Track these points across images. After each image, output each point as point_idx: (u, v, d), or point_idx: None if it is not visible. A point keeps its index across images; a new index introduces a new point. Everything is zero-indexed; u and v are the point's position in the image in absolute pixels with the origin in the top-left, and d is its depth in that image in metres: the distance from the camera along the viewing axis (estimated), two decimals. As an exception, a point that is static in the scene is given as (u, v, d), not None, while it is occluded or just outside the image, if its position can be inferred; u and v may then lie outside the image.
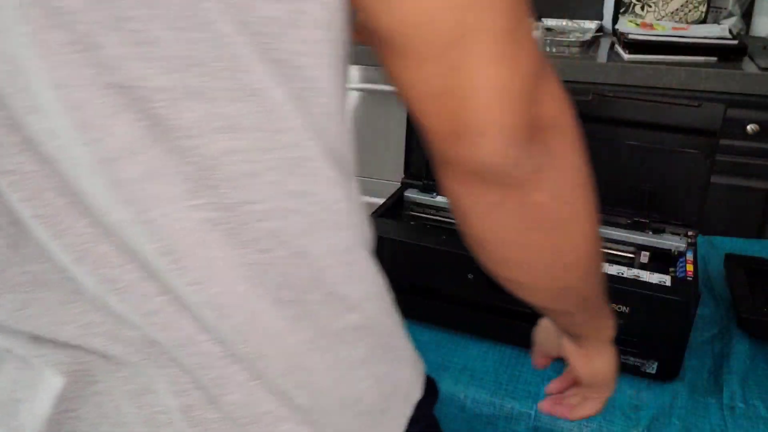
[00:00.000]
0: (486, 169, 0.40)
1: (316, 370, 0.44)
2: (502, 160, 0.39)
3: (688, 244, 0.92)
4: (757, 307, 0.94)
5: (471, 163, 0.40)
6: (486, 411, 0.82)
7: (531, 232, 0.44)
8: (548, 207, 0.43)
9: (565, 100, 0.42)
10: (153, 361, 0.41)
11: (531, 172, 0.41)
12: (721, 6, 2.03)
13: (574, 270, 0.48)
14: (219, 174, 0.37)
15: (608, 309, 0.58)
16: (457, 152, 0.40)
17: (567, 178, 0.43)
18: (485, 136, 0.39)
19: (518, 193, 0.42)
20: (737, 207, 1.79)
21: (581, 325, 0.57)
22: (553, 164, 0.42)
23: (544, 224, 0.44)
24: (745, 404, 0.80)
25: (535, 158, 0.40)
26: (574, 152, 0.44)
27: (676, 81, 1.68)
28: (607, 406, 0.79)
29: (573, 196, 0.45)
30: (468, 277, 0.88)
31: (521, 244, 0.45)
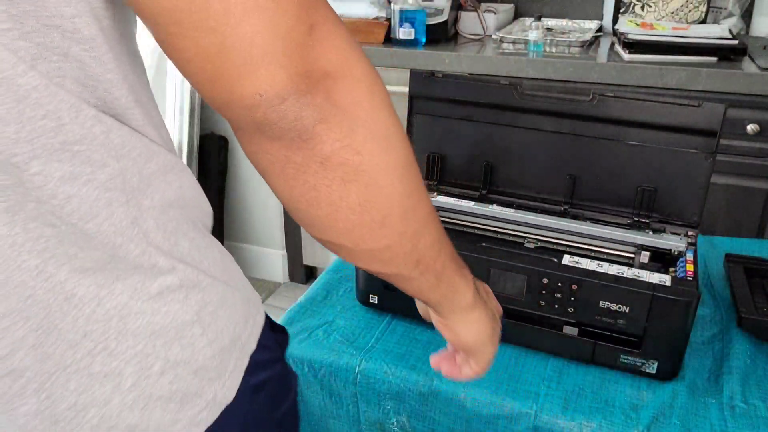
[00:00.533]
0: (266, 124, 0.40)
1: (140, 334, 0.45)
2: (277, 113, 0.40)
3: (688, 244, 0.92)
4: (757, 307, 0.94)
5: (252, 122, 0.40)
6: (486, 411, 0.82)
7: (329, 188, 0.43)
8: (338, 160, 0.42)
9: (352, 52, 0.42)
10: None
11: (313, 123, 0.41)
12: (721, 6, 2.03)
13: (389, 228, 0.47)
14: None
15: (461, 276, 0.57)
16: (238, 113, 0.40)
17: (358, 130, 0.42)
18: (258, 93, 0.39)
19: (304, 147, 0.42)
20: (737, 207, 1.79)
21: (430, 292, 0.56)
22: (339, 115, 0.41)
23: (337, 178, 0.43)
24: (746, 404, 0.80)
25: (317, 109, 0.40)
26: (366, 103, 0.43)
27: (676, 81, 1.68)
28: (607, 406, 0.80)
29: (368, 148, 0.43)
30: (468, 277, 0.88)
31: (324, 201, 0.44)
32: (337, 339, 0.92)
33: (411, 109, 1.04)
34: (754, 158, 1.72)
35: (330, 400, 0.89)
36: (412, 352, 0.90)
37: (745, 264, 1.06)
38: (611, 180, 0.96)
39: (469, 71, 1.86)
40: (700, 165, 0.90)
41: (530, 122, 0.98)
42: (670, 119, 0.90)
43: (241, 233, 2.48)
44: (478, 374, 0.65)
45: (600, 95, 0.93)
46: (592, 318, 0.83)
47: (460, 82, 1.00)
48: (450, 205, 1.03)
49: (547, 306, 0.85)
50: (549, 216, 0.99)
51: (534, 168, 1.00)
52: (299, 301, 1.03)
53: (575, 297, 0.83)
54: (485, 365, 0.64)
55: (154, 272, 0.46)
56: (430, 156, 1.05)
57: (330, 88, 0.41)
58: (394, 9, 1.94)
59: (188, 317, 0.48)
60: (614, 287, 0.81)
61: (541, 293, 0.85)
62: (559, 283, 0.83)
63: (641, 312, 0.80)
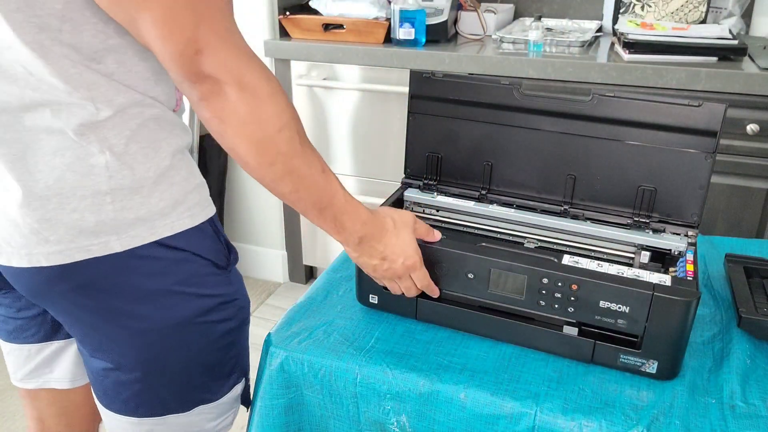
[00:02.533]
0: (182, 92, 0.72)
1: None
2: (181, 89, 0.71)
3: (688, 244, 0.92)
4: (757, 307, 0.94)
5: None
6: (486, 411, 0.82)
7: (215, 134, 0.73)
8: (213, 123, 0.72)
9: (232, 64, 0.69)
10: None
11: (198, 99, 0.70)
12: (721, 6, 2.03)
13: (250, 170, 0.75)
14: None
15: (337, 231, 0.84)
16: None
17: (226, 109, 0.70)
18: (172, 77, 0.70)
19: (197, 110, 0.71)
20: (737, 207, 1.79)
21: (326, 231, 0.84)
22: (213, 98, 0.69)
23: (216, 133, 0.73)
24: (746, 404, 0.80)
25: (200, 92, 0.69)
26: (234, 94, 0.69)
27: (676, 81, 1.68)
28: (607, 406, 0.80)
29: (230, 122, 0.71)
30: (468, 277, 0.88)
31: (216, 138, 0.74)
32: (337, 339, 0.92)
33: (411, 109, 1.04)
34: (754, 158, 1.72)
35: (330, 400, 0.89)
36: (412, 352, 0.90)
37: (745, 264, 1.06)
38: (611, 180, 0.96)
39: (469, 71, 1.86)
40: (700, 165, 0.90)
41: (530, 122, 0.98)
42: (670, 119, 0.90)
43: (241, 233, 2.48)
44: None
45: (600, 95, 0.93)
46: (592, 318, 0.83)
47: (460, 82, 1.00)
48: (450, 205, 1.03)
49: (547, 306, 0.85)
50: (549, 216, 0.99)
51: (534, 168, 1.00)
52: (299, 301, 1.03)
53: (575, 297, 0.83)
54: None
55: None
56: (429, 156, 1.05)
57: (211, 83, 0.69)
58: (394, 9, 1.94)
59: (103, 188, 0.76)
60: (614, 287, 0.81)
61: (541, 293, 0.85)
62: (559, 283, 0.83)
63: (641, 312, 0.80)
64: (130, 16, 0.67)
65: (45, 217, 0.74)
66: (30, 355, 0.98)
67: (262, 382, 0.92)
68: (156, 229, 0.79)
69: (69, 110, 0.72)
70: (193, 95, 0.70)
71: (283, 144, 0.73)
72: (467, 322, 0.92)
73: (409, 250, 0.87)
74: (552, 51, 1.90)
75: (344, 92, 2.07)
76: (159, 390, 0.86)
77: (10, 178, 0.74)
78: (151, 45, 0.68)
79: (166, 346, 0.83)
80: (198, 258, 0.83)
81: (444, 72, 1.02)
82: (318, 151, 0.79)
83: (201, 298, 0.84)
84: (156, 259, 0.79)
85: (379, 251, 0.86)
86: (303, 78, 2.10)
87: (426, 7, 1.97)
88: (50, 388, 1.01)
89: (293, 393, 0.91)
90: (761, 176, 1.74)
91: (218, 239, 0.87)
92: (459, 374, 0.85)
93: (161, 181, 0.78)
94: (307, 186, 0.78)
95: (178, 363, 0.85)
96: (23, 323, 0.95)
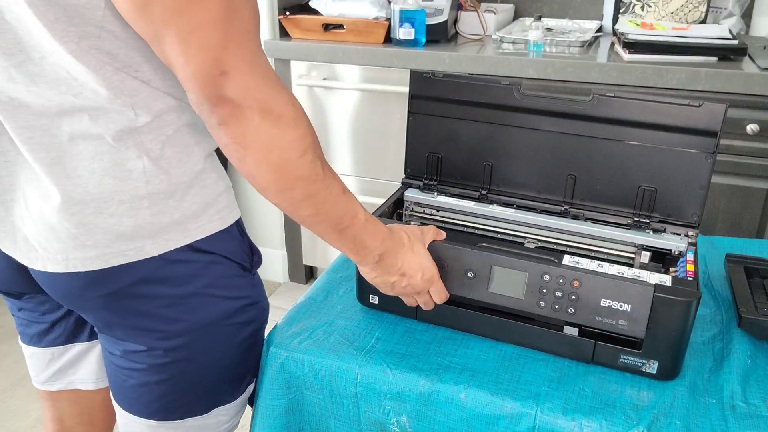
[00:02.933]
0: (199, 115, 0.69)
1: None
2: (199, 112, 0.68)
3: (689, 244, 0.92)
4: (757, 307, 0.94)
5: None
6: (486, 411, 0.82)
7: (234, 159, 0.71)
8: (232, 149, 0.69)
9: (256, 89, 0.67)
10: None
11: (218, 123, 0.67)
12: (721, 6, 2.03)
13: (269, 196, 0.74)
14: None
15: (357, 251, 0.83)
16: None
17: (248, 135, 0.68)
18: (190, 98, 0.68)
19: (215, 134, 0.69)
20: (737, 207, 1.79)
21: (345, 252, 0.84)
22: (233, 123, 0.67)
23: (234, 159, 0.70)
24: (746, 404, 0.80)
25: (221, 116, 0.67)
26: (256, 120, 0.67)
27: (676, 81, 1.68)
28: (607, 406, 0.80)
29: (251, 147, 0.69)
30: (468, 277, 0.88)
31: (237, 167, 0.72)
32: (337, 339, 0.92)
33: (411, 109, 1.04)
34: (754, 158, 1.72)
35: (330, 400, 0.89)
36: (412, 352, 0.90)
37: (745, 264, 1.06)
38: (611, 180, 0.96)
39: (469, 71, 1.86)
40: (700, 165, 0.90)
41: (530, 122, 0.98)
42: (670, 119, 0.90)
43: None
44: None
45: (600, 95, 0.93)
46: (593, 319, 0.83)
47: (460, 82, 1.00)
48: (450, 205, 1.03)
49: (548, 307, 0.85)
50: (549, 216, 0.99)
51: (534, 168, 1.00)
52: (299, 301, 1.03)
53: (576, 296, 0.83)
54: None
55: None
56: (429, 156, 1.05)
57: (232, 107, 0.66)
58: (394, 9, 1.94)
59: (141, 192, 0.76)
60: (615, 283, 0.81)
61: (542, 292, 0.85)
62: (560, 280, 0.83)
63: (642, 311, 0.80)
64: (154, 31, 0.65)
65: (83, 221, 0.74)
66: (53, 358, 0.99)
67: (263, 383, 0.92)
68: (189, 232, 0.79)
69: (107, 116, 0.71)
70: (212, 119, 0.68)
71: (305, 168, 0.72)
72: (467, 322, 0.92)
73: (427, 263, 0.87)
74: (552, 51, 1.90)
75: (344, 92, 2.07)
76: (183, 393, 0.86)
77: (48, 182, 0.74)
78: (173, 63, 0.66)
79: (194, 349, 0.84)
80: (226, 260, 0.83)
81: (444, 72, 1.02)
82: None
83: (228, 300, 0.85)
84: (187, 262, 0.80)
85: (398, 267, 0.86)
86: (303, 78, 2.10)
87: (426, 7, 1.97)
88: (74, 389, 1.02)
89: (294, 393, 0.91)
90: (761, 176, 1.74)
91: (244, 241, 0.87)
92: (459, 374, 0.85)
93: (194, 185, 0.78)
94: (328, 209, 0.76)
95: (204, 365, 0.86)
96: (47, 326, 0.96)
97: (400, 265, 0.86)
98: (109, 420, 1.09)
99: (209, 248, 0.81)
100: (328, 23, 2.03)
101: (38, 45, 0.68)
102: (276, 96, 0.68)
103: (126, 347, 0.83)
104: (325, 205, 0.76)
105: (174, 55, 0.65)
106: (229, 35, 0.64)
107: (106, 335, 0.85)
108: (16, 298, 0.94)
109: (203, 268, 0.81)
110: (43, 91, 0.70)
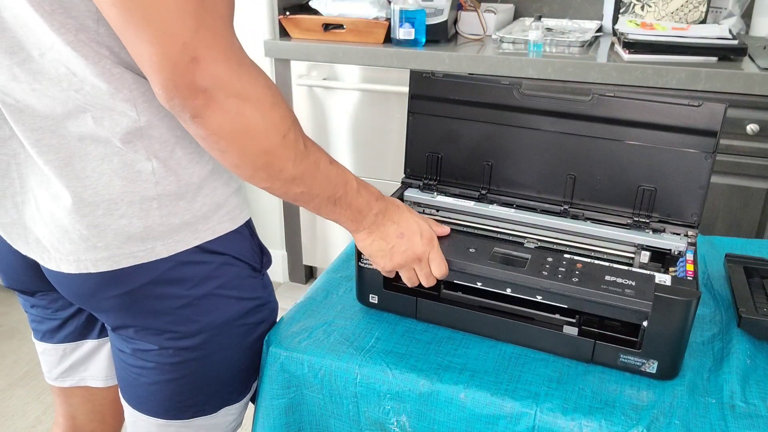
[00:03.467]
0: (169, 108, 0.65)
1: None
2: (170, 106, 0.64)
3: (688, 244, 0.92)
4: (757, 307, 0.94)
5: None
6: (486, 411, 0.82)
7: (213, 152, 0.69)
8: (211, 140, 0.67)
9: (229, 75, 0.63)
10: None
11: (192, 117, 0.64)
12: (721, 6, 2.03)
13: (251, 179, 0.72)
14: None
15: (353, 218, 0.82)
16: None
17: (224, 126, 0.65)
18: (158, 91, 0.63)
19: (191, 128, 0.66)
20: (737, 207, 1.79)
21: (341, 222, 0.83)
22: (210, 116, 0.64)
23: (214, 150, 0.68)
24: (746, 404, 0.80)
25: (195, 109, 0.63)
26: (233, 109, 0.64)
27: (676, 81, 1.68)
28: (607, 406, 0.80)
29: (230, 140, 0.66)
30: (469, 251, 0.88)
31: (221, 154, 0.69)
32: (337, 339, 0.92)
33: (411, 109, 1.04)
34: (754, 158, 1.72)
35: (330, 400, 0.89)
36: (412, 352, 0.90)
37: (745, 264, 1.06)
38: (611, 180, 0.96)
39: (469, 71, 1.86)
40: (700, 165, 0.90)
41: (530, 122, 0.98)
42: (670, 119, 0.90)
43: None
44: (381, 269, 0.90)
45: (600, 95, 0.93)
46: (598, 289, 0.82)
47: (460, 82, 1.00)
48: (450, 205, 1.03)
49: (551, 275, 0.84)
50: (549, 216, 0.99)
51: (534, 168, 1.00)
52: (299, 301, 1.03)
53: (580, 272, 0.83)
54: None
55: None
56: (429, 156, 1.05)
57: (207, 98, 0.62)
58: (394, 9, 1.94)
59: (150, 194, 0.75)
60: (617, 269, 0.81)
61: (545, 265, 0.84)
62: (564, 261, 0.83)
63: (648, 286, 0.80)
64: (121, 18, 0.60)
65: (94, 223, 0.74)
66: (65, 354, 1.00)
67: (263, 382, 0.92)
68: (199, 234, 0.78)
69: (111, 117, 0.71)
70: (185, 113, 0.64)
71: (290, 149, 0.70)
72: (467, 322, 0.92)
73: (424, 224, 0.87)
74: (552, 51, 1.90)
75: (344, 92, 2.07)
76: (193, 392, 0.87)
77: (59, 184, 0.74)
78: (140, 53, 0.61)
79: (206, 349, 0.84)
80: (238, 261, 0.83)
81: (444, 72, 1.02)
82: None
83: (240, 301, 0.85)
84: (200, 263, 0.79)
85: (395, 228, 0.84)
86: (303, 78, 2.10)
87: (426, 7, 1.97)
88: (85, 386, 1.02)
89: (293, 393, 0.91)
90: (761, 176, 1.74)
91: (254, 242, 0.87)
92: (459, 374, 0.85)
93: (204, 186, 0.78)
94: (320, 183, 0.76)
95: (215, 365, 0.86)
96: (59, 323, 0.97)
97: (398, 223, 0.84)
98: (120, 418, 1.09)
99: (220, 249, 0.81)
100: (328, 23, 2.03)
101: (37, 41, 0.67)
102: (252, 81, 0.65)
103: (136, 346, 0.83)
104: (315, 180, 0.75)
105: (140, 42, 0.60)
106: (199, 20, 0.60)
107: (116, 334, 0.85)
108: (30, 296, 0.95)
109: (216, 270, 0.81)
110: (46, 88, 0.69)
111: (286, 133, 0.70)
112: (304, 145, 0.73)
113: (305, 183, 0.74)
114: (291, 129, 0.70)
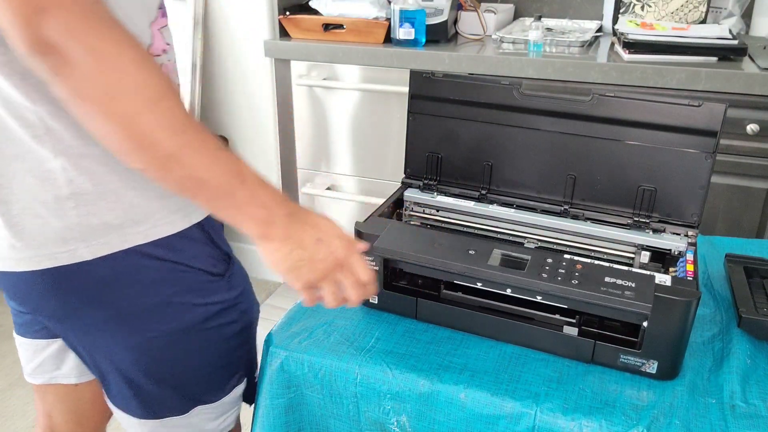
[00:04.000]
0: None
1: None
2: (30, 63, 0.59)
3: (688, 244, 0.92)
4: (757, 307, 0.94)
5: None
6: (486, 411, 0.82)
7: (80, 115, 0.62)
8: (71, 102, 0.61)
9: (77, 27, 0.57)
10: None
11: (51, 75, 0.58)
12: (721, 6, 2.03)
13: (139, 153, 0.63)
14: None
15: (261, 218, 0.71)
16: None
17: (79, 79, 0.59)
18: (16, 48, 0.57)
19: (52, 84, 0.60)
20: (737, 207, 1.79)
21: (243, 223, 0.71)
22: (67, 70, 0.58)
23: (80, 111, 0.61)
24: (746, 404, 0.80)
25: (51, 65, 0.58)
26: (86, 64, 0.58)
27: (676, 81, 1.68)
28: (607, 406, 0.80)
29: (84, 93, 0.60)
30: (469, 253, 0.88)
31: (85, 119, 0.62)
32: (337, 339, 0.92)
33: (411, 109, 1.04)
34: (754, 158, 1.72)
35: (330, 400, 0.89)
36: (412, 352, 0.90)
37: (745, 264, 1.06)
38: (611, 180, 0.96)
39: (469, 71, 1.86)
40: (700, 165, 0.90)
41: (530, 122, 0.98)
42: (670, 119, 0.90)
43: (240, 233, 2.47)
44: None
45: (600, 95, 0.93)
46: (597, 290, 0.82)
47: (460, 82, 1.00)
48: (450, 205, 1.03)
49: (551, 277, 0.84)
50: (549, 216, 0.99)
51: (534, 168, 1.00)
52: (299, 301, 1.03)
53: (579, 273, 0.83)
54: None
55: None
56: (429, 156, 1.05)
57: (59, 53, 0.57)
58: (394, 9, 1.94)
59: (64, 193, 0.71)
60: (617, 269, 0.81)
61: (545, 267, 0.84)
62: (564, 263, 0.83)
63: (648, 286, 0.80)
64: None
65: (11, 222, 0.73)
66: (38, 350, 0.98)
67: (263, 383, 0.92)
68: (128, 237, 0.74)
69: (17, 112, 0.69)
70: (46, 75, 0.59)
71: (163, 117, 0.62)
72: (467, 322, 0.92)
73: (339, 229, 0.77)
74: (552, 51, 1.90)
75: (344, 92, 2.07)
76: (158, 393, 0.86)
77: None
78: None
79: (163, 354, 0.83)
80: (189, 268, 0.80)
81: (444, 72, 1.02)
82: (318, 151, 0.76)
83: (200, 307, 0.83)
84: (143, 269, 0.76)
85: (312, 234, 0.74)
86: (303, 78, 2.10)
87: (426, 7, 1.97)
88: (57, 383, 1.02)
89: (293, 393, 0.91)
90: (761, 176, 1.74)
91: (213, 245, 0.83)
92: (459, 374, 0.85)
93: (131, 186, 0.73)
94: (207, 164, 0.65)
95: (177, 368, 0.85)
96: (32, 318, 0.96)
97: (314, 226, 0.74)
98: (99, 418, 1.08)
99: (167, 256, 0.76)
100: (328, 23, 2.03)
101: None
102: (108, 34, 0.59)
103: (91, 349, 0.83)
104: (201, 161, 0.65)
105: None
106: None
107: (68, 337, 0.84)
108: None
109: (168, 275, 0.77)
110: None
111: (157, 100, 0.62)
112: (185, 118, 0.64)
113: (186, 164, 0.64)
114: (165, 97, 0.62)
